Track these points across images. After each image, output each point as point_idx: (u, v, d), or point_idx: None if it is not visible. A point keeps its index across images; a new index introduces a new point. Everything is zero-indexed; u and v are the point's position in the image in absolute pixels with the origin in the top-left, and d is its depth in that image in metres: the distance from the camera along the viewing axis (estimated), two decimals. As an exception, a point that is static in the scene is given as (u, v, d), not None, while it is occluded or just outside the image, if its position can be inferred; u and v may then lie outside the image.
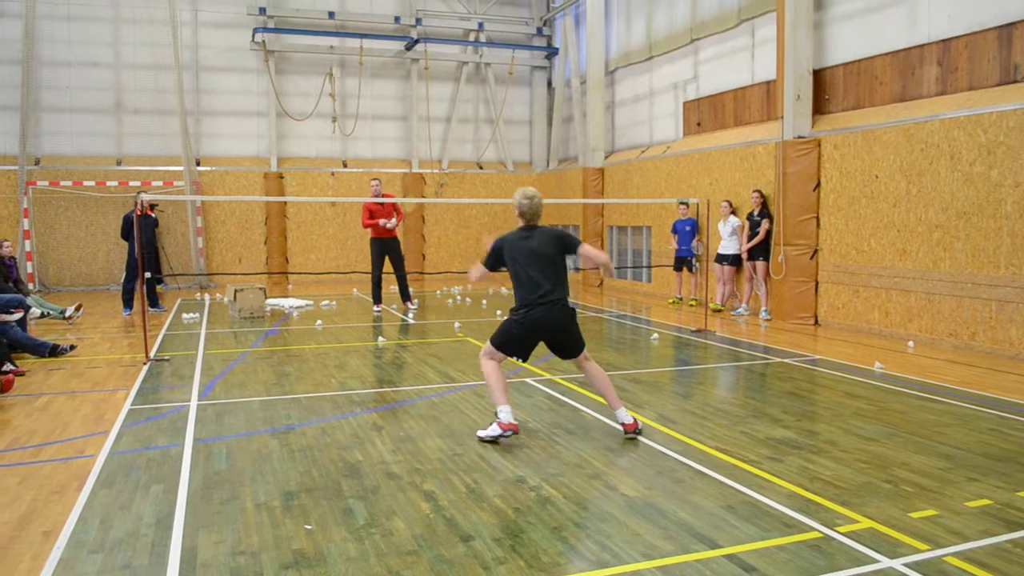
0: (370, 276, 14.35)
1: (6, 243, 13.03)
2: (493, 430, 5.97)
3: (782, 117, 12.55)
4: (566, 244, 6.20)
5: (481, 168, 22.93)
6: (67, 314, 13.24)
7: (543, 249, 6.11)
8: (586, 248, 6.19)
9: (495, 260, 6.31)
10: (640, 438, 6.10)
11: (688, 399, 7.50)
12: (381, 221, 13.76)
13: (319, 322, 12.71)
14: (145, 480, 5.20)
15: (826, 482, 5.06)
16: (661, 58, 17.32)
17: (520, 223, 6.30)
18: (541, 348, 6.27)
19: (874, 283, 11.24)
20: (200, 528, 4.38)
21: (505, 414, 5.92)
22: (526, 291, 6.09)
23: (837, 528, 4.30)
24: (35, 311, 12.77)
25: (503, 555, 4.02)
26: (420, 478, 5.21)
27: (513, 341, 6.18)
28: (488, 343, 6.30)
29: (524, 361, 6.43)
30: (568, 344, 6.25)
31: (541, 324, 6.06)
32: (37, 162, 19.04)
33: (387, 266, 14.12)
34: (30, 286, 17.05)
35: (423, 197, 21.52)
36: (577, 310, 6.29)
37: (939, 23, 10.59)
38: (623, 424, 6.17)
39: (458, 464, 5.49)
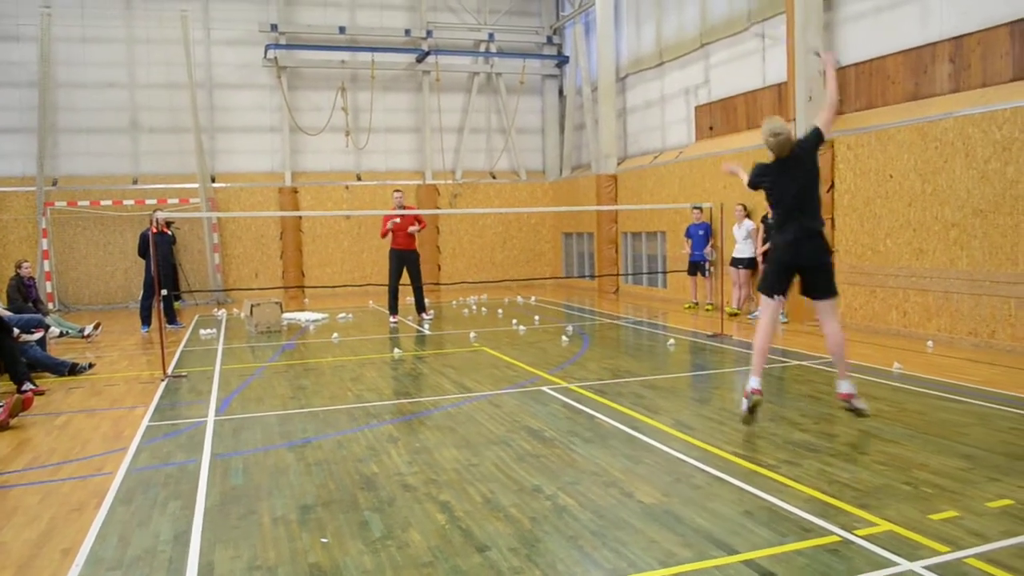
0: (387, 287, 14.37)
1: (25, 264, 13.20)
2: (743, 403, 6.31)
3: (794, 119, 12.49)
4: (817, 143, 6.50)
5: (494, 177, 22.96)
6: (85, 332, 13.34)
7: (796, 178, 6.35)
8: (822, 115, 6.60)
9: (755, 181, 6.71)
10: (658, 444, 6.07)
11: (705, 404, 7.46)
12: (394, 222, 13.80)
13: (335, 335, 12.74)
14: (163, 496, 5.22)
15: (844, 485, 5.01)
16: (672, 63, 17.30)
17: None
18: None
19: (891, 283, 11.15)
20: (217, 543, 4.39)
21: (750, 382, 6.29)
22: (781, 217, 6.41)
23: (856, 531, 4.26)
24: (54, 330, 12.87)
25: (519, 565, 4.00)
26: (436, 489, 5.20)
27: (770, 272, 6.47)
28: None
29: (784, 296, 6.50)
30: (819, 281, 6.32)
31: (793, 251, 6.28)
32: (55, 183, 19.24)
33: (404, 277, 14.16)
34: (49, 305, 17.22)
35: (437, 208, 21.55)
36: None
37: (951, 20, 10.53)
38: (838, 393, 6.43)
39: (474, 474, 5.48)
